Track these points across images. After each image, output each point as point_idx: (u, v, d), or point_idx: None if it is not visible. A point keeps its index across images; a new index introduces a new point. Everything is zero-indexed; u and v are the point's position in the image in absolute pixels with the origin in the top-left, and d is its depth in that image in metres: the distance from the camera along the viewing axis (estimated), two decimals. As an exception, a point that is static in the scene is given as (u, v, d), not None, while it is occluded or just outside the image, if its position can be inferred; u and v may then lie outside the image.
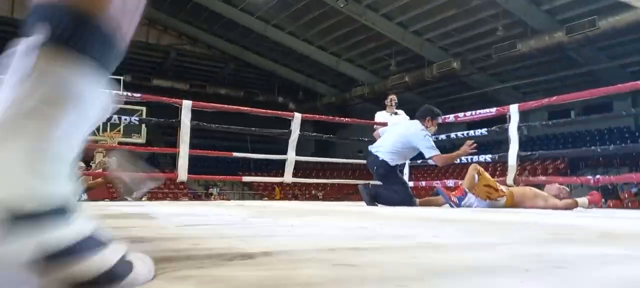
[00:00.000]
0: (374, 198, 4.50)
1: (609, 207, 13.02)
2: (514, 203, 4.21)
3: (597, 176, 5.84)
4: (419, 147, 4.73)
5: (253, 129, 6.45)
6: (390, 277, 0.77)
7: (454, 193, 4.22)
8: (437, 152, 4.67)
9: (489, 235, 1.60)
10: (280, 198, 19.75)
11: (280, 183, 20.98)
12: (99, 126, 12.52)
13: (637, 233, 1.79)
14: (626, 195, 13.63)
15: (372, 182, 5.31)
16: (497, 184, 4.33)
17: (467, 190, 4.15)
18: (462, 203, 4.14)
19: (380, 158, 4.79)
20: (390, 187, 4.68)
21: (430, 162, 4.92)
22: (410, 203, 4.51)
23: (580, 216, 3.14)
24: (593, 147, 6.27)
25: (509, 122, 5.35)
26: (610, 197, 14.34)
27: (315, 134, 10.21)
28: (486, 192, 4.18)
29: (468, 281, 0.75)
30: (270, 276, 0.76)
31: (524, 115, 5.42)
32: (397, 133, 4.93)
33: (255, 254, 0.99)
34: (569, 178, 8.86)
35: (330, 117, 7.98)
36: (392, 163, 4.78)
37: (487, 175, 4.32)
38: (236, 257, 0.95)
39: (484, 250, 1.14)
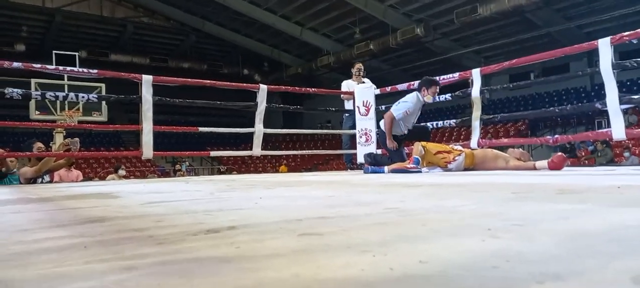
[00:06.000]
0: (374, 163, 4.82)
1: (567, 165, 13.54)
2: (474, 163, 4.35)
3: (556, 136, 6.05)
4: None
5: (218, 102, 6.32)
6: (355, 243, 0.77)
7: (408, 162, 4.41)
8: (394, 114, 5.04)
9: (452, 197, 1.63)
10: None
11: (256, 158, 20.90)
12: (56, 105, 12.02)
13: (593, 189, 1.87)
14: (583, 153, 14.22)
15: (372, 152, 5.51)
16: (448, 146, 4.50)
17: (417, 157, 4.30)
18: (427, 170, 4.29)
19: (379, 129, 5.37)
20: (389, 152, 5.06)
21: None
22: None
23: (539, 175, 3.25)
24: (552, 108, 6.48)
25: (472, 86, 5.43)
26: (568, 155, 14.92)
27: (282, 105, 10.11)
28: (442, 160, 4.33)
29: (431, 243, 0.76)
30: (236, 249, 0.75)
31: (486, 78, 5.52)
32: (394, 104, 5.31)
33: (220, 228, 0.97)
34: (529, 139, 9.14)
35: (297, 88, 7.90)
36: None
37: (432, 144, 4.52)
38: (201, 232, 0.93)
39: (447, 212, 1.16)
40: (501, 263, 0.60)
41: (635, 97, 4.42)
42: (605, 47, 4.21)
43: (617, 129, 4.21)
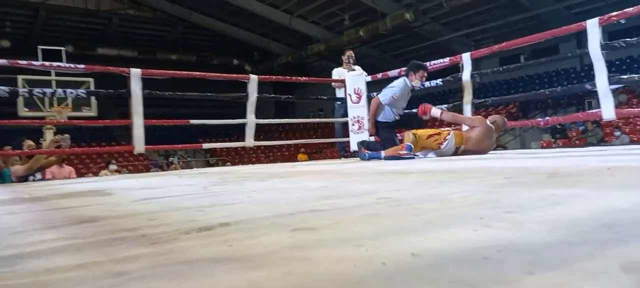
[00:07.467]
0: (369, 149, 4.80)
1: (558, 145, 13.71)
2: (464, 139, 4.46)
3: (547, 118, 6.09)
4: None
5: (209, 94, 6.28)
6: (348, 237, 0.77)
7: (401, 148, 4.45)
8: (381, 99, 5.07)
9: (445, 184, 1.64)
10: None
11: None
12: (45, 101, 11.88)
13: (584, 172, 1.89)
14: (574, 134, 14.34)
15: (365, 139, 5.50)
16: (438, 129, 4.58)
17: (410, 144, 4.35)
18: (422, 155, 4.35)
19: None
20: (381, 139, 5.09)
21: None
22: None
23: (532, 158, 3.28)
24: (542, 90, 6.49)
25: (462, 71, 5.44)
26: (560, 136, 15.09)
27: (273, 95, 10.07)
28: (435, 142, 4.39)
29: (424, 234, 0.77)
30: (228, 248, 0.75)
31: (476, 62, 5.53)
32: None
33: (213, 225, 0.97)
34: (521, 122, 9.21)
35: (288, 78, 7.86)
36: (378, 119, 5.16)
37: (422, 130, 4.61)
38: (193, 230, 0.93)
39: (440, 201, 1.17)
40: (492, 254, 0.60)
41: (624, 77, 4.44)
42: (593, 29, 4.22)
43: (607, 110, 4.24)
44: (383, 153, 4.54)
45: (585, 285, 0.47)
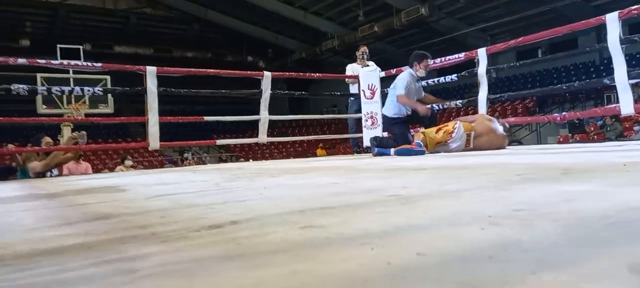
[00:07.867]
0: (380, 146, 4.78)
1: (576, 140, 13.48)
2: (471, 126, 4.53)
3: (564, 113, 6.00)
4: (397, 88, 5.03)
5: (223, 91, 6.32)
6: (355, 235, 0.77)
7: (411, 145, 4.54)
8: (403, 92, 4.95)
9: (456, 181, 1.63)
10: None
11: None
12: (63, 99, 12.07)
13: (600, 168, 1.86)
14: (592, 129, 14.07)
15: (378, 135, 5.47)
16: (446, 124, 4.68)
17: (419, 141, 4.48)
18: (437, 150, 4.39)
19: (383, 114, 5.34)
20: (394, 135, 5.00)
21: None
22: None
23: (547, 153, 3.23)
24: (559, 85, 6.39)
25: (478, 66, 5.39)
26: (577, 131, 14.83)
27: (287, 92, 10.12)
28: (446, 132, 4.46)
29: (431, 232, 0.77)
30: (237, 246, 0.76)
31: (493, 57, 5.48)
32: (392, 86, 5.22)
33: (223, 223, 0.98)
34: (537, 117, 9.07)
35: (301, 74, 7.86)
36: (390, 115, 5.12)
37: (429, 130, 4.65)
38: (203, 228, 0.94)
39: (449, 198, 1.16)
40: (498, 253, 0.60)
41: (644, 71, 4.35)
42: (613, 22, 4.14)
43: (626, 104, 4.16)
44: (392, 151, 4.56)
45: (589, 286, 0.47)
